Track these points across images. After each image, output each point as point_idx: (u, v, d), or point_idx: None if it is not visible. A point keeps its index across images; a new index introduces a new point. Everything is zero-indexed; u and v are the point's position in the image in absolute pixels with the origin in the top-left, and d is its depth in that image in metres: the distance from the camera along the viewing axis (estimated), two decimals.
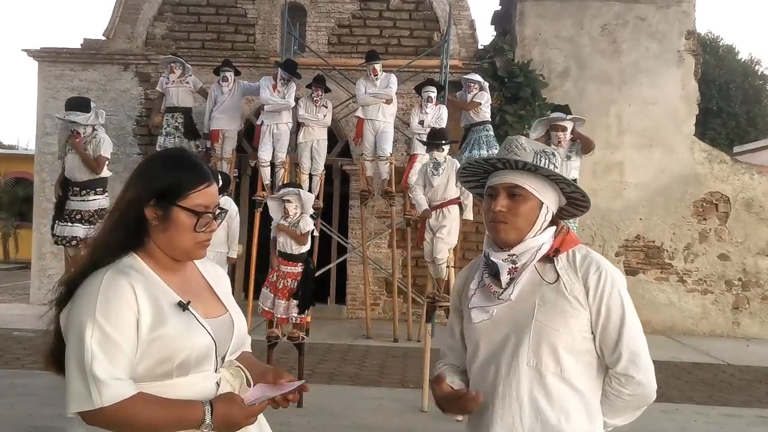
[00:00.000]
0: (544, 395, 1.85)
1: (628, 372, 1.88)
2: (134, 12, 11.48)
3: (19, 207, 20.56)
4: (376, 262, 10.81)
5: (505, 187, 1.93)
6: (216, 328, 1.77)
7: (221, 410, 1.66)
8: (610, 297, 1.87)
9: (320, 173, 9.48)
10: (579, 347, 1.88)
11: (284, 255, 6.09)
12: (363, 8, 11.52)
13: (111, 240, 1.73)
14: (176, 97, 9.36)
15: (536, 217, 1.93)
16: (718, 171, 11.09)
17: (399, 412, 5.80)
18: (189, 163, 1.81)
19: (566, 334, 1.86)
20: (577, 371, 1.87)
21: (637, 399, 1.93)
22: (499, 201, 1.92)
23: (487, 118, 9.26)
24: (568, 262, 1.93)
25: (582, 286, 1.88)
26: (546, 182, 1.94)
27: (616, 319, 1.87)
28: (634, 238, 11.03)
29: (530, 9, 11.25)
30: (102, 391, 1.56)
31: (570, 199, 2.01)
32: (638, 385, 1.90)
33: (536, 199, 1.92)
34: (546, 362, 1.86)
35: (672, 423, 5.97)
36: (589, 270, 1.89)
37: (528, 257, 1.92)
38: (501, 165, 1.95)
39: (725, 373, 8.17)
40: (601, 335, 1.88)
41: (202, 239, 1.79)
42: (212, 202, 1.79)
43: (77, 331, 1.61)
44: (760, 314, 10.95)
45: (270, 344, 6.13)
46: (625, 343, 1.87)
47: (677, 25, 11.16)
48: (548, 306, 1.88)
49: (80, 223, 6.81)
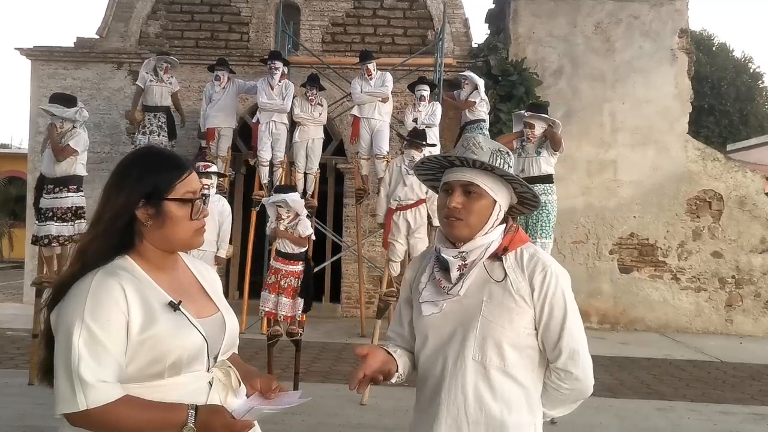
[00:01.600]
0: (488, 388, 1.94)
1: (567, 367, 1.96)
2: (128, 10, 11.45)
3: (12, 206, 20.50)
4: (371, 261, 10.81)
5: (461, 184, 1.99)
6: (208, 328, 1.77)
7: (204, 416, 1.65)
8: (554, 296, 1.95)
9: (315, 172, 9.50)
10: (522, 343, 1.96)
11: (284, 255, 6.12)
12: (357, 6, 11.52)
13: (102, 246, 1.73)
14: (159, 95, 9.30)
15: (489, 214, 2.00)
16: (711, 169, 11.13)
17: (393, 411, 5.81)
18: (165, 157, 1.84)
19: (510, 331, 1.94)
20: (520, 365, 1.96)
21: (575, 393, 2.01)
22: (455, 197, 1.98)
23: (482, 116, 9.28)
24: (515, 260, 2.00)
25: (528, 285, 1.95)
26: (500, 181, 2.01)
27: (559, 317, 1.95)
28: (628, 236, 11.06)
29: (524, 7, 11.26)
30: (87, 393, 1.56)
31: (521, 198, 2.08)
32: (576, 380, 1.98)
33: (490, 197, 1.99)
34: (490, 357, 1.94)
35: (665, 420, 6.00)
36: (535, 269, 1.96)
37: (477, 255, 1.99)
38: (458, 162, 2.00)
39: (718, 371, 8.20)
40: (544, 332, 1.96)
41: (199, 226, 1.82)
42: (196, 187, 1.83)
43: (65, 331, 1.60)
44: (753, 311, 11.00)
45: (271, 342, 6.14)
46: (566, 341, 1.95)
47: (670, 24, 11.20)
48: (495, 303, 1.95)
49: (52, 221, 6.66)
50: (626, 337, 10.07)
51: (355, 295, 10.75)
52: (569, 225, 10.75)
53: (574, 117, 10.84)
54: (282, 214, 6.12)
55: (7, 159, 22.19)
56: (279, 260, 6.14)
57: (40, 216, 6.67)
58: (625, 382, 7.30)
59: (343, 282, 11.25)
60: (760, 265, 11.00)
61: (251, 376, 1.90)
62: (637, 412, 6.22)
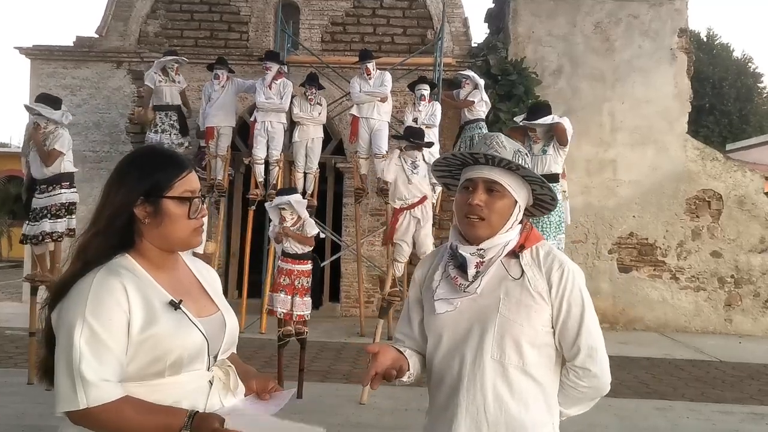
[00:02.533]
0: (507, 387, 1.91)
1: (585, 365, 1.95)
2: (127, 10, 11.44)
3: (11, 205, 20.48)
4: (370, 260, 10.80)
5: (484, 181, 1.97)
6: (208, 327, 1.77)
7: (197, 422, 1.64)
8: (572, 294, 1.94)
9: (315, 171, 9.50)
10: (540, 341, 1.94)
11: (293, 255, 6.10)
12: (356, 6, 11.51)
13: (102, 244, 1.73)
14: (169, 95, 9.36)
15: (510, 214, 1.98)
16: (710, 168, 11.13)
17: (392, 410, 5.81)
18: (165, 155, 1.85)
19: (529, 328, 1.92)
20: (538, 364, 1.94)
21: (592, 391, 2.00)
22: (477, 195, 1.96)
23: (481, 116, 9.29)
24: (532, 258, 1.98)
25: (545, 282, 1.94)
26: (521, 182, 2.00)
27: (576, 314, 1.93)
28: (628, 235, 11.06)
29: (524, 7, 11.26)
30: (88, 392, 1.56)
31: (538, 200, 2.06)
32: (594, 377, 1.97)
33: (512, 197, 1.98)
34: (509, 355, 1.92)
35: (665, 420, 6.00)
36: (552, 266, 1.95)
37: (495, 252, 1.97)
38: (483, 160, 1.98)
39: (718, 370, 8.20)
40: (561, 330, 1.95)
41: (197, 225, 1.82)
42: (196, 187, 1.82)
43: (67, 330, 1.60)
44: (753, 311, 11.00)
45: (282, 343, 6.14)
46: (584, 338, 1.94)
47: (670, 23, 11.20)
48: (513, 301, 1.93)
49: (47, 218, 6.63)
50: (625, 337, 10.07)
51: (354, 294, 10.74)
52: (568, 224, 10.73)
53: (573, 116, 10.73)
54: (286, 217, 6.10)
55: (7, 158, 22.13)
56: (288, 261, 6.11)
57: (35, 215, 6.66)
58: (625, 381, 7.30)
59: (342, 281, 11.24)
60: (759, 265, 11.00)
61: (249, 377, 1.90)
62: (636, 411, 6.22)
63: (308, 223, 6.16)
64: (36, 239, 6.62)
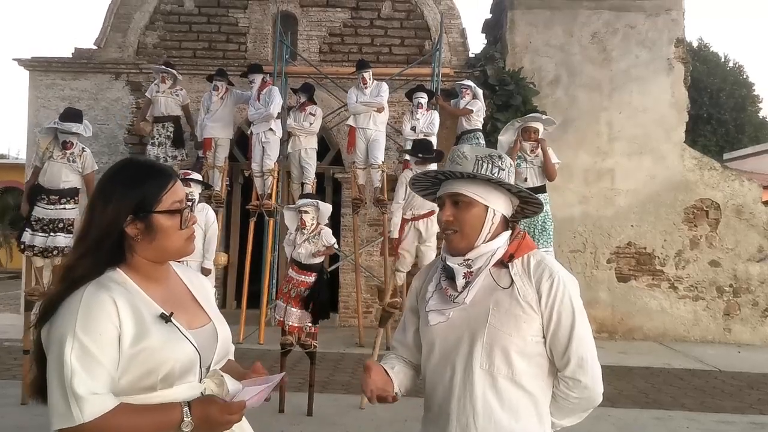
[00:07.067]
0: (496, 397, 1.91)
1: (576, 376, 1.95)
2: (126, 21, 11.48)
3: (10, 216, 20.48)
4: (368, 270, 10.80)
5: (449, 195, 2.00)
6: (200, 339, 1.77)
7: (199, 409, 1.66)
8: (562, 303, 1.93)
9: (311, 181, 9.49)
10: (530, 351, 1.93)
11: (299, 264, 6.01)
12: (354, 17, 11.55)
13: (90, 263, 1.70)
14: (165, 106, 9.39)
15: (483, 222, 1.98)
16: (708, 178, 11.15)
17: (391, 421, 5.79)
18: (149, 169, 1.82)
19: (518, 338, 1.92)
20: (529, 374, 1.93)
21: (584, 402, 2.00)
22: (445, 210, 2.00)
23: (478, 126, 9.32)
24: (522, 267, 1.98)
25: (535, 292, 1.93)
26: (490, 186, 1.99)
27: (567, 324, 1.93)
28: (626, 245, 11.06)
29: (521, 17, 11.30)
30: (82, 407, 1.56)
31: (522, 199, 2.06)
32: (585, 388, 1.96)
33: (480, 204, 1.98)
34: (498, 365, 1.92)
35: (664, 429, 5.99)
36: (542, 276, 1.95)
37: (482, 262, 1.98)
38: (443, 177, 2.02)
39: (717, 380, 8.19)
40: (552, 340, 1.94)
41: (189, 234, 1.82)
42: (183, 196, 1.82)
43: (57, 346, 1.59)
44: (751, 320, 10.99)
45: (283, 352, 6.06)
46: (574, 348, 1.93)
47: (666, 33, 11.24)
48: (502, 311, 1.93)
49: (62, 233, 6.62)
50: (624, 346, 10.06)
51: (352, 304, 10.73)
52: (567, 234, 10.75)
53: (571, 126, 10.87)
54: (306, 221, 5.94)
55: (5, 169, 22.16)
56: (294, 269, 6.04)
57: (42, 226, 6.66)
58: (624, 391, 7.29)
59: (340, 291, 11.23)
60: (758, 274, 11.01)
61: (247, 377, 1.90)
62: (635, 421, 6.21)
63: (325, 233, 6.03)
64: (47, 252, 6.65)
